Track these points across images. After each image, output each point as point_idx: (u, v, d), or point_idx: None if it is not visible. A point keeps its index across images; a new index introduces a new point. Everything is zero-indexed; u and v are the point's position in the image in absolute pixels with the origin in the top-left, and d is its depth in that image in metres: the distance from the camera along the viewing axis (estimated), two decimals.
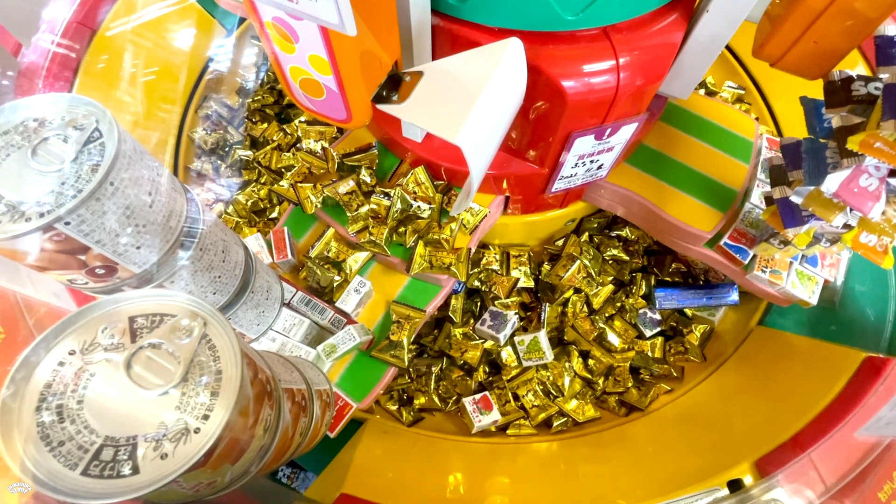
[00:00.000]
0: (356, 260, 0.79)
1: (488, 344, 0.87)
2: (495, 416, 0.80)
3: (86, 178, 0.36)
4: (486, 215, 0.76)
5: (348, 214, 0.76)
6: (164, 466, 0.29)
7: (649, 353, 0.88)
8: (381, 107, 0.48)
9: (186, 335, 0.33)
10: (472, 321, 0.89)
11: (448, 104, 0.44)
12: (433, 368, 0.87)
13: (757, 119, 1.03)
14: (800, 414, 0.64)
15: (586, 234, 0.93)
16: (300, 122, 1.03)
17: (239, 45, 1.12)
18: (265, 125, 1.08)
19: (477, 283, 0.90)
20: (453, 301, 0.88)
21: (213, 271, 0.51)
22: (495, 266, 0.89)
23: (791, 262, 0.74)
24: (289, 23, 0.41)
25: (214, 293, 0.54)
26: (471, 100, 0.44)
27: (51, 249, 0.37)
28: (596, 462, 0.80)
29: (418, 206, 0.74)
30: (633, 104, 0.61)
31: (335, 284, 0.78)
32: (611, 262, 0.93)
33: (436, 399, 0.86)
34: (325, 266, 0.78)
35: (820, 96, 0.54)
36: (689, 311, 0.92)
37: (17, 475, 0.28)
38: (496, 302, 0.88)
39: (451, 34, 0.54)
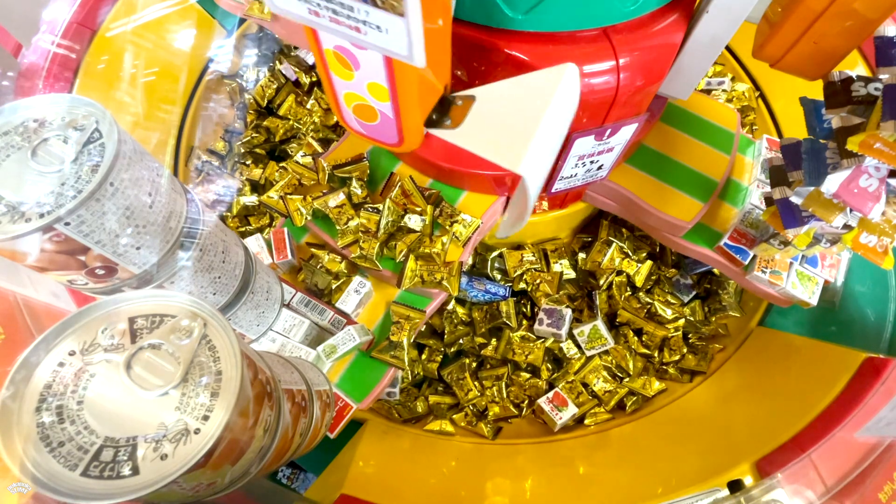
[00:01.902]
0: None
1: (549, 342, 0.88)
2: (572, 409, 0.82)
3: (86, 178, 0.36)
4: (478, 227, 0.75)
5: (338, 228, 0.75)
6: (164, 467, 0.29)
7: (692, 318, 0.91)
8: (434, 131, 0.47)
9: (186, 336, 0.33)
10: (525, 322, 0.90)
11: (507, 132, 0.43)
12: (502, 377, 0.88)
13: (733, 77, 1.06)
14: (800, 414, 0.64)
15: (610, 215, 0.95)
16: (302, 156, 1.01)
17: (239, 46, 1.12)
18: (261, 167, 1.06)
19: (523, 285, 0.91)
20: (504, 307, 0.89)
21: (212, 272, 0.51)
22: (536, 265, 0.91)
23: (791, 263, 0.74)
24: (352, 52, 0.41)
25: (214, 294, 0.54)
26: (531, 128, 0.42)
27: (51, 250, 0.37)
28: (595, 463, 0.80)
29: (408, 218, 0.73)
30: (633, 105, 0.61)
31: (333, 287, 0.78)
32: (638, 235, 0.95)
33: (510, 406, 0.87)
34: (323, 269, 0.78)
35: (820, 97, 0.54)
36: (716, 271, 0.94)
37: (17, 476, 0.28)
38: (547, 299, 0.89)
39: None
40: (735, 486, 0.61)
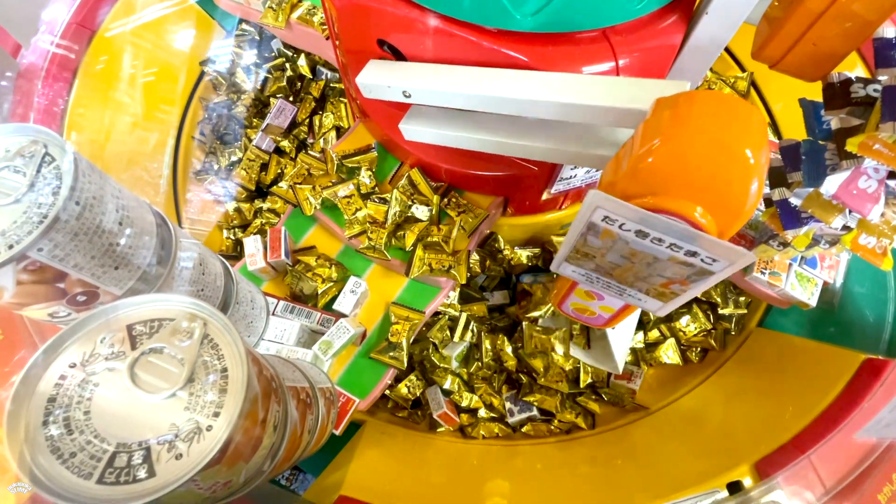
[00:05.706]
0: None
1: None
2: (640, 372, 0.89)
3: (48, 202, 0.35)
4: (485, 217, 0.76)
5: (345, 218, 0.76)
6: (181, 466, 0.29)
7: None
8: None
9: (187, 337, 0.33)
10: None
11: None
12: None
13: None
14: (799, 416, 0.64)
15: None
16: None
17: (238, 47, 1.12)
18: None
19: None
20: None
21: (195, 285, 0.51)
22: None
23: (790, 264, 0.74)
24: (601, 294, 0.52)
25: None
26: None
27: (28, 281, 0.36)
28: (595, 464, 0.80)
29: (415, 208, 0.74)
30: None
31: (319, 291, 0.77)
32: None
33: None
34: (309, 274, 0.78)
35: (819, 98, 0.54)
36: None
37: (34, 490, 0.28)
38: None
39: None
40: (734, 488, 0.61)
